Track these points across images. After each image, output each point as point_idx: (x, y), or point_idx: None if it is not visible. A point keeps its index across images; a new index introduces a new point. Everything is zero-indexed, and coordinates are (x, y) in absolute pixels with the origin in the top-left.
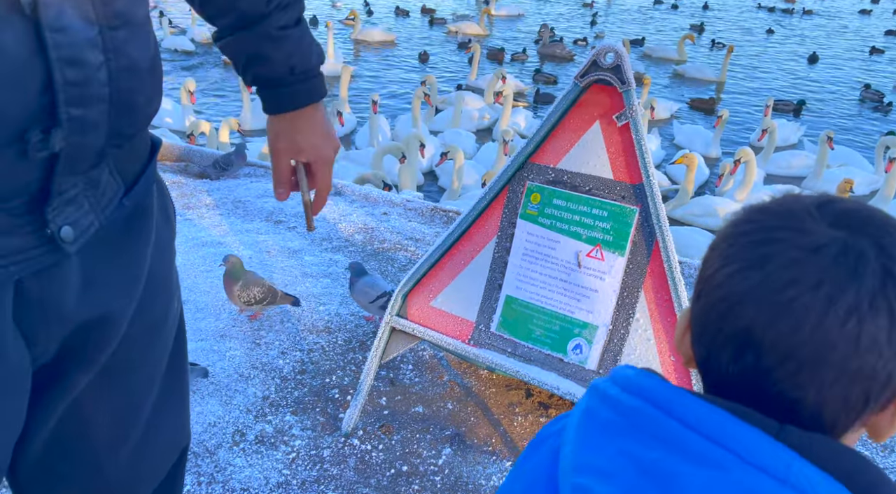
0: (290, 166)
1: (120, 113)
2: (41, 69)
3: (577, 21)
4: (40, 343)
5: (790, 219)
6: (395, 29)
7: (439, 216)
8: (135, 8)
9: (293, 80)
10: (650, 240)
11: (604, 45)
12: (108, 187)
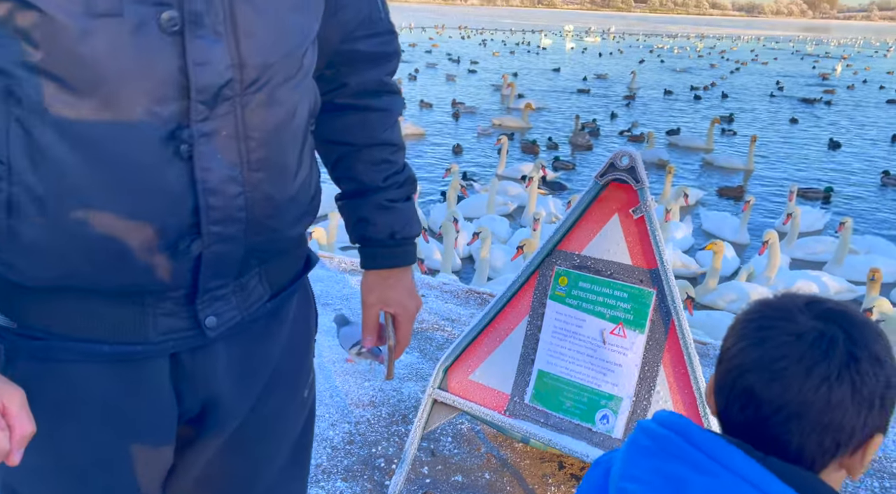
0: (378, 316)
1: (256, 233)
2: (191, 196)
3: (618, 112)
4: (186, 401)
5: (784, 312)
6: (421, 122)
7: (474, 298)
8: (279, 157)
9: (392, 244)
10: (667, 319)
11: (620, 150)
12: (255, 291)
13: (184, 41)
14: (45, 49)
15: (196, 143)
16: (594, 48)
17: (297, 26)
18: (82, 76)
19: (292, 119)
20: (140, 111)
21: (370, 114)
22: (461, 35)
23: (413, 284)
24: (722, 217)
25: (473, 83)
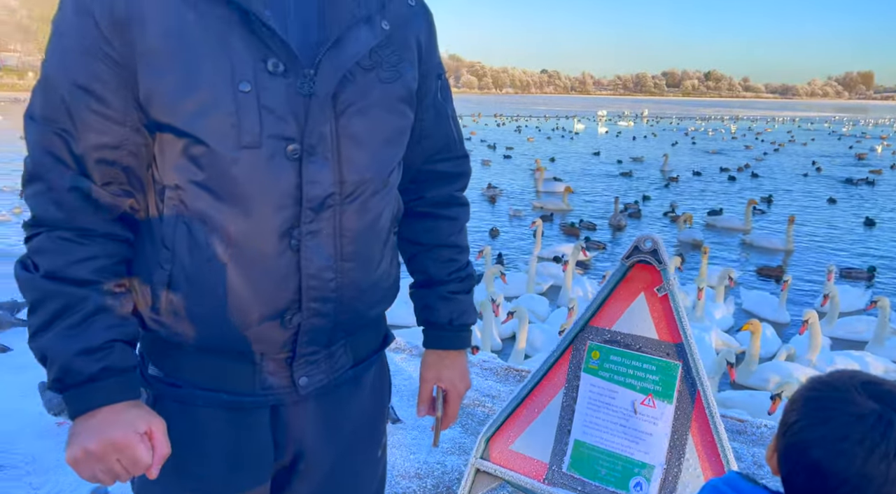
0: (432, 390)
1: (344, 311)
2: (296, 279)
3: (655, 194)
4: (281, 449)
5: (844, 393)
6: None
7: (513, 375)
8: (365, 251)
9: (450, 329)
10: (693, 391)
11: (643, 235)
12: (340, 359)
13: (301, 165)
14: (207, 171)
15: (303, 239)
16: (628, 132)
17: (387, 155)
18: (229, 190)
19: (378, 222)
20: (266, 215)
21: (441, 222)
22: (497, 122)
23: (466, 367)
24: (762, 296)
25: (508, 168)
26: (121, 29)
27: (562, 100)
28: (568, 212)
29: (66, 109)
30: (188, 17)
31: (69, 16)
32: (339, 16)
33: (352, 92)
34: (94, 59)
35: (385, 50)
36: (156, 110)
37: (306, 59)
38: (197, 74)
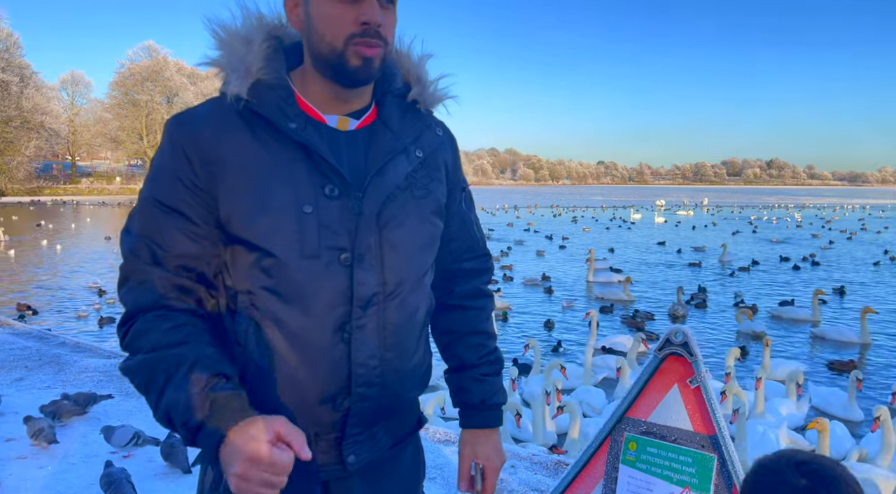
0: (471, 467)
1: (385, 394)
2: (347, 367)
3: (719, 284)
4: None
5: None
6: (507, 296)
7: (563, 469)
8: (404, 341)
9: (483, 408)
10: (729, 483)
11: (674, 327)
12: (381, 439)
13: (352, 271)
14: (275, 278)
15: (353, 333)
16: (687, 221)
17: (422, 259)
18: (293, 293)
19: (415, 316)
20: (323, 312)
21: (470, 312)
22: (553, 213)
23: (500, 443)
24: (831, 392)
25: (563, 258)
26: (207, 165)
27: (619, 190)
28: (629, 302)
29: (157, 226)
30: (262, 155)
31: (166, 153)
32: (381, 149)
33: (392, 209)
34: (183, 187)
35: (419, 172)
36: (233, 228)
37: (356, 185)
38: (269, 200)
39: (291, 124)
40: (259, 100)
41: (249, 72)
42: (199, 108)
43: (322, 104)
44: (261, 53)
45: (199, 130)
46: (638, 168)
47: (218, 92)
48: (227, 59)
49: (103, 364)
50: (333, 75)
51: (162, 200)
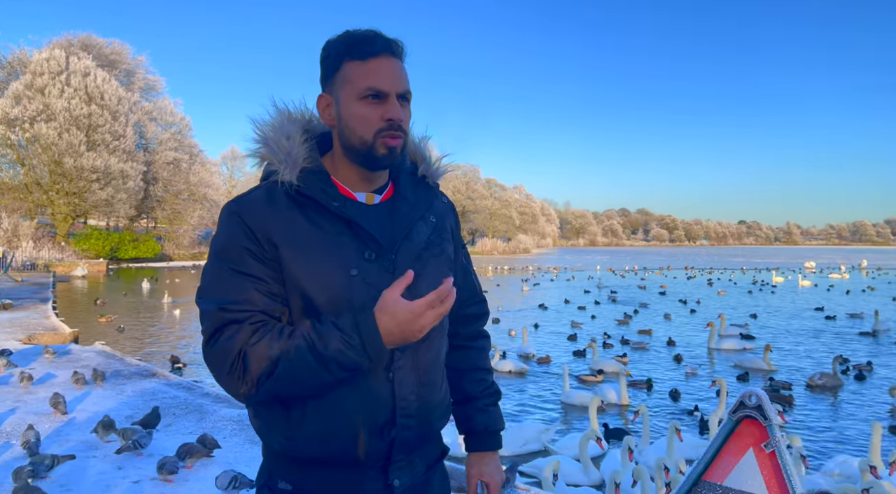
0: (477, 485)
1: (421, 424)
2: (391, 401)
3: (877, 354)
4: None
5: None
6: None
7: None
8: (433, 378)
9: (486, 435)
10: None
11: (748, 390)
12: (417, 465)
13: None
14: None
15: (395, 372)
16: (841, 284)
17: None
18: None
19: (440, 356)
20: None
21: (472, 351)
22: (687, 275)
23: (500, 463)
24: None
25: (692, 322)
26: (269, 241)
27: (762, 251)
28: (770, 372)
29: (236, 289)
30: (313, 230)
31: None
32: (404, 218)
33: (419, 267)
34: (252, 257)
35: (433, 235)
36: (296, 290)
37: (389, 248)
38: (323, 267)
39: (335, 203)
40: (306, 185)
41: (296, 162)
42: (255, 193)
43: (352, 184)
44: (303, 147)
45: (258, 211)
46: (785, 227)
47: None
48: (274, 152)
49: (237, 414)
50: (363, 162)
51: (237, 269)
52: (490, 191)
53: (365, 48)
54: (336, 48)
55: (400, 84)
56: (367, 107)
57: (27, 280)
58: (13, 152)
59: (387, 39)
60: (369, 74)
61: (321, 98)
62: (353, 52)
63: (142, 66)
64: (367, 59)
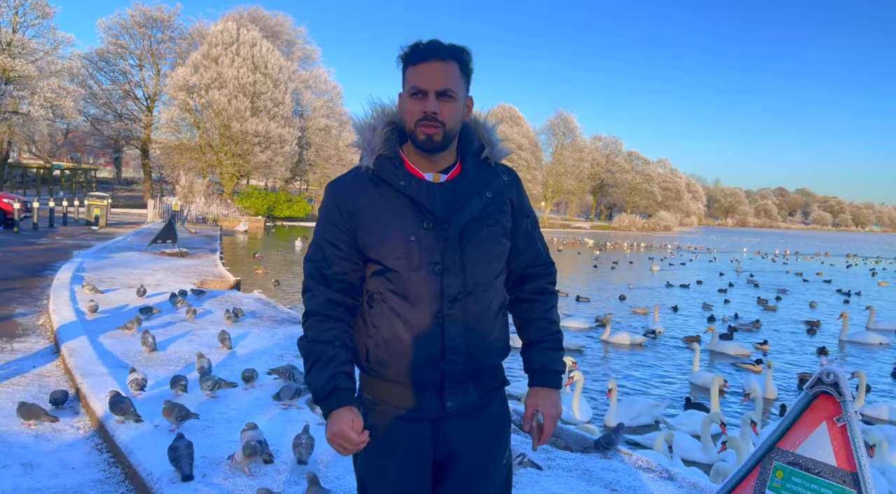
0: (535, 414)
1: (469, 361)
2: (440, 341)
3: None
4: (437, 449)
5: None
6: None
7: None
8: (480, 325)
9: (542, 373)
10: None
11: (825, 368)
12: (471, 392)
13: (442, 278)
14: (395, 283)
15: (445, 319)
16: None
17: (492, 268)
18: (407, 293)
19: (489, 307)
20: (425, 306)
21: (536, 304)
22: (848, 263)
23: (557, 399)
24: None
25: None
26: (349, 213)
27: None
28: None
29: (322, 254)
30: (383, 203)
31: (327, 206)
32: (461, 193)
33: (469, 234)
34: (336, 228)
35: (489, 207)
36: (368, 253)
37: (443, 219)
38: (388, 233)
39: (401, 182)
40: (380, 168)
41: (374, 150)
42: (346, 176)
43: (420, 166)
44: (381, 137)
45: (345, 191)
46: None
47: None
48: (361, 142)
49: None
50: (415, 145)
51: (325, 237)
52: (631, 164)
53: (416, 55)
54: (401, 56)
55: (438, 83)
56: (413, 102)
57: (199, 232)
58: (191, 116)
59: (436, 47)
60: (416, 76)
61: (400, 95)
62: (409, 58)
63: (301, 37)
64: (416, 64)
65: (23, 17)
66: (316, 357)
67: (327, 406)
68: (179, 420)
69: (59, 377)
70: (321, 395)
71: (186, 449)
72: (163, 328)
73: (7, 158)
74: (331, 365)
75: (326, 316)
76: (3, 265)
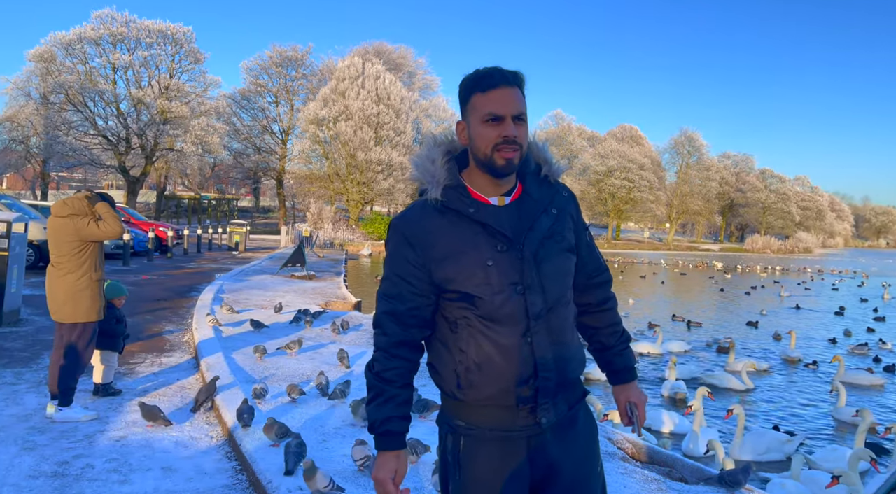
0: (626, 407)
1: (559, 375)
2: (532, 360)
3: None
4: (534, 467)
5: None
6: None
7: None
8: (563, 338)
9: (625, 371)
10: None
11: None
12: (560, 406)
13: (525, 297)
14: (480, 308)
15: (533, 338)
16: None
17: (566, 283)
18: (493, 315)
19: (568, 320)
20: (513, 326)
21: (606, 313)
22: None
23: (640, 389)
24: None
25: None
26: (421, 247)
27: None
28: None
29: (396, 291)
30: (455, 233)
31: (397, 242)
32: (529, 213)
33: (543, 252)
34: (408, 264)
35: (556, 225)
36: (446, 285)
37: (516, 240)
38: (465, 262)
39: (470, 209)
40: (448, 198)
41: (439, 182)
42: (411, 211)
43: (485, 190)
44: (443, 168)
45: (414, 225)
46: None
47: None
48: (423, 175)
49: None
50: (489, 171)
51: (397, 273)
52: (765, 182)
53: (486, 82)
54: (466, 85)
55: (514, 108)
56: (488, 128)
57: (326, 256)
58: (321, 147)
59: (503, 73)
60: (490, 102)
61: (458, 124)
62: (477, 86)
63: (421, 68)
64: (487, 91)
65: (178, 64)
66: (377, 392)
67: (377, 444)
68: (279, 436)
69: (198, 389)
70: (374, 431)
71: (296, 448)
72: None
73: (164, 191)
74: (388, 406)
75: (394, 356)
76: (158, 287)
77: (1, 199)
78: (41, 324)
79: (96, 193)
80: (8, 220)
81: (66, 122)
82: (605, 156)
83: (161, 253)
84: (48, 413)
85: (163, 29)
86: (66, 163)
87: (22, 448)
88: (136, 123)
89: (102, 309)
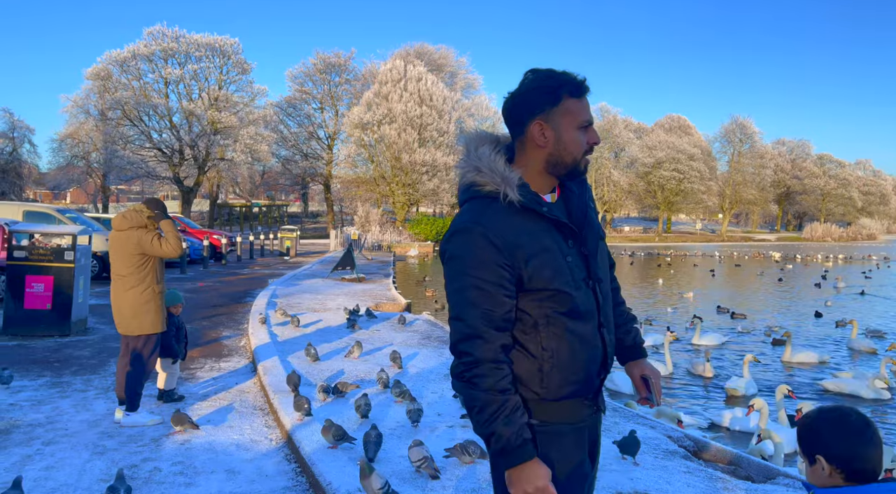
0: (641, 381)
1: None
2: (603, 351)
3: None
4: (594, 457)
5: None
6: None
7: None
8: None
9: (634, 348)
10: None
11: None
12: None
13: (595, 290)
14: (563, 304)
15: (603, 328)
16: None
17: (609, 274)
18: (573, 310)
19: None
20: (590, 319)
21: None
22: None
23: (650, 363)
24: None
25: None
26: (508, 249)
27: None
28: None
29: (488, 297)
30: (535, 231)
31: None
32: (578, 208)
33: (595, 246)
34: (498, 266)
35: (594, 215)
36: (535, 284)
37: (579, 234)
38: (551, 259)
39: (543, 208)
40: (523, 198)
41: (512, 182)
42: (488, 213)
43: (541, 189)
44: (508, 168)
45: (497, 227)
46: None
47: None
48: (491, 177)
49: None
50: (567, 174)
51: (486, 279)
52: (823, 168)
53: (581, 88)
54: (551, 85)
55: (592, 115)
56: (582, 134)
57: (375, 258)
58: (366, 151)
59: (585, 80)
60: (583, 110)
61: (537, 124)
62: (572, 90)
63: (463, 67)
64: (580, 97)
65: (226, 75)
66: (499, 406)
67: (519, 456)
68: (336, 439)
69: (256, 393)
70: (514, 445)
71: (376, 439)
72: (332, 345)
73: (217, 199)
74: (516, 415)
75: (501, 362)
76: (214, 294)
77: (65, 213)
78: (107, 332)
79: (158, 212)
80: (73, 233)
81: (123, 137)
82: (653, 147)
83: (216, 260)
84: (116, 418)
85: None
86: (124, 175)
87: (93, 453)
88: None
89: (165, 319)
